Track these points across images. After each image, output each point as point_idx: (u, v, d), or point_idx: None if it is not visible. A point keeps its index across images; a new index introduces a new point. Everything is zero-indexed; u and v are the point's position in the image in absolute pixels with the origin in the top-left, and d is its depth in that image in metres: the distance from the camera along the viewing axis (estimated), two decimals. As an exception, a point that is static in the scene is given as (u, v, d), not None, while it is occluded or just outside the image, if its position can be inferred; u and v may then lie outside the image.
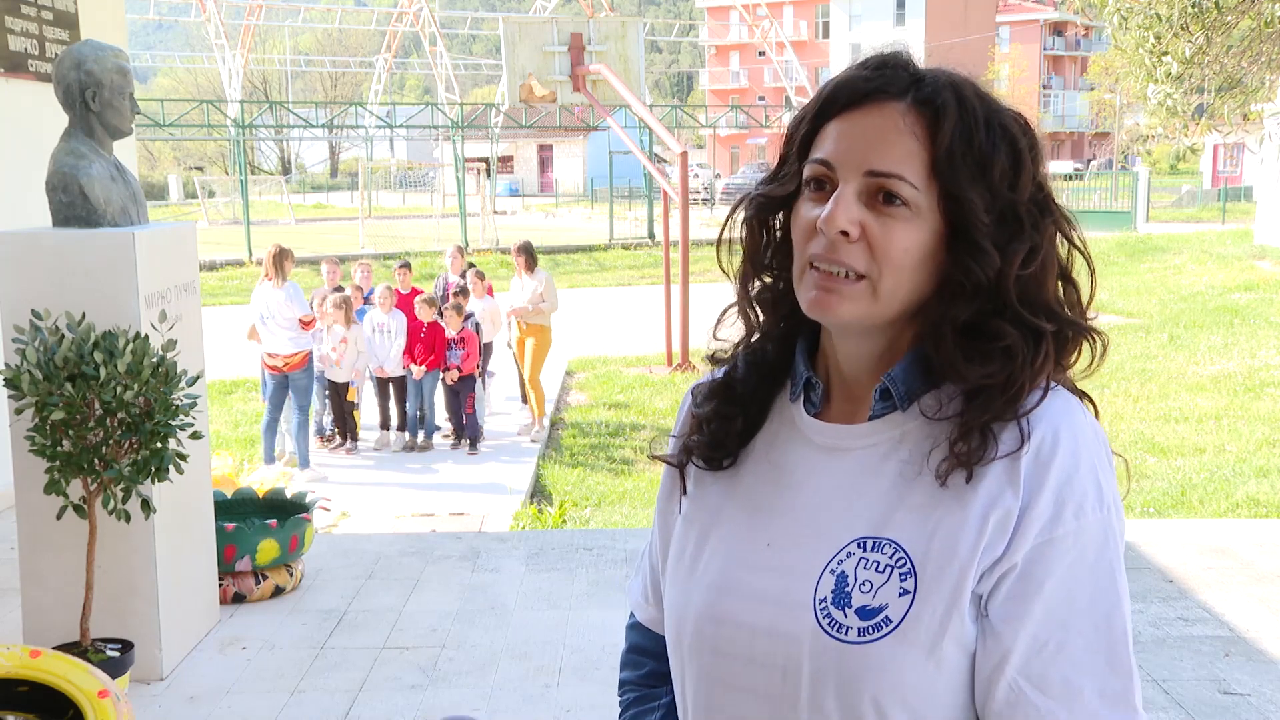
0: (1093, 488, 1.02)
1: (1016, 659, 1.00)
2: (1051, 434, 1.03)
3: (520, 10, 54.92)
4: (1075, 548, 1.01)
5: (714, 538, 1.16)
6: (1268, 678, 3.88)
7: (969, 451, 1.02)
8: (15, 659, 2.96)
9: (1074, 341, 1.09)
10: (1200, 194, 38.72)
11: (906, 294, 1.06)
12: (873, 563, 1.04)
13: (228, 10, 39.65)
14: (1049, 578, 1.00)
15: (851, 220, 1.03)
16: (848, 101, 1.07)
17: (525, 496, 8.39)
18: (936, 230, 1.04)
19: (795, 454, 1.14)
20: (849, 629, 1.03)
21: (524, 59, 14.64)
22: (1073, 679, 1.00)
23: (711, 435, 1.19)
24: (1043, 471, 1.01)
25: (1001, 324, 1.04)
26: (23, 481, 3.80)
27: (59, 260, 3.77)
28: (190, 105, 32.47)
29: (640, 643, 1.33)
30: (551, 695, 3.84)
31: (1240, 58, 9.92)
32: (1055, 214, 1.08)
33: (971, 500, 1.02)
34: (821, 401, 1.15)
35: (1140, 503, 7.62)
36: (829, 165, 1.06)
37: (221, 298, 18.88)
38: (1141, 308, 16.59)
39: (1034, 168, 1.06)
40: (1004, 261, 1.04)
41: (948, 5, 57.84)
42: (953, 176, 1.03)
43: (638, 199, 32.91)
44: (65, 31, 6.58)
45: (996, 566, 1.01)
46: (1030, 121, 1.09)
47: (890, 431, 1.09)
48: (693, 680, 1.15)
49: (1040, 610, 1.00)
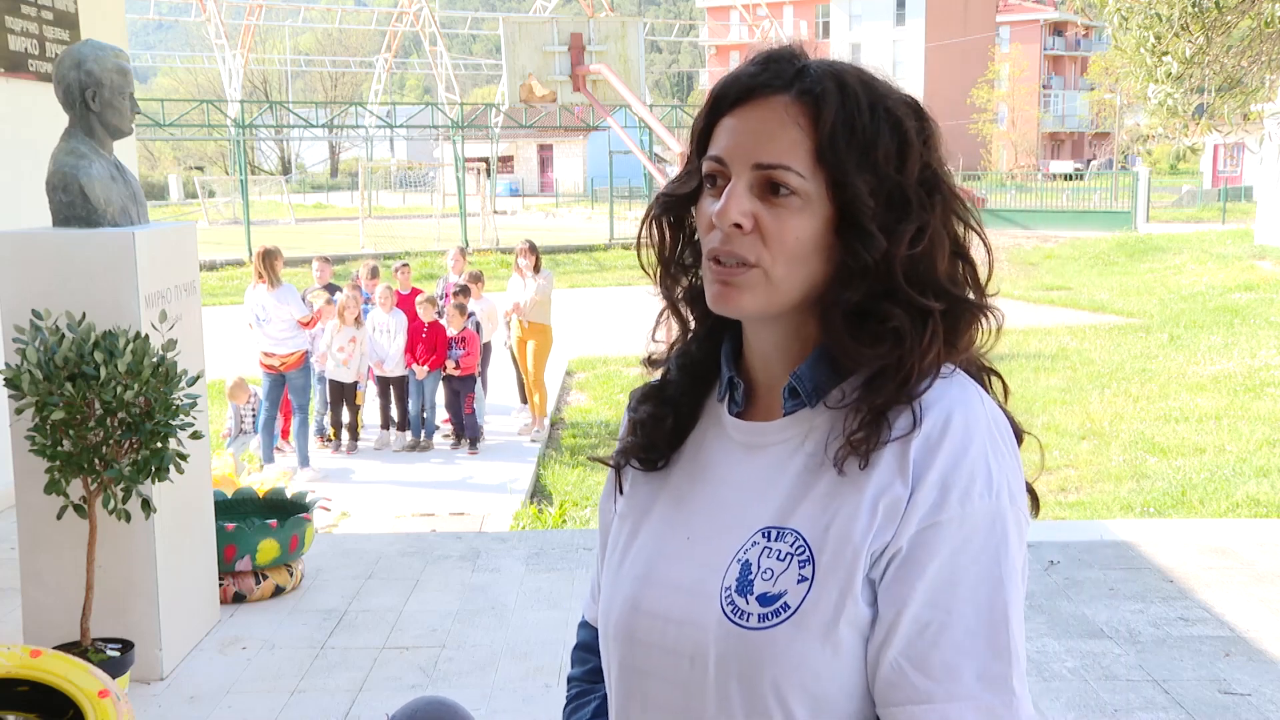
0: (981, 473, 1.03)
1: (899, 640, 1.02)
2: (943, 419, 1.04)
3: (520, 10, 54.90)
4: (960, 533, 1.02)
5: (642, 533, 1.20)
6: (1268, 678, 3.88)
7: (864, 438, 1.04)
8: (15, 659, 2.96)
9: (967, 320, 1.10)
10: (1200, 194, 38.72)
11: (801, 281, 1.07)
12: (775, 551, 1.07)
13: (228, 10, 39.62)
14: (932, 561, 1.02)
15: (743, 212, 1.06)
16: (736, 98, 1.10)
17: (525, 496, 8.39)
18: (827, 217, 1.06)
19: (719, 451, 1.18)
20: (750, 615, 1.06)
21: (524, 59, 14.64)
22: (952, 661, 1.01)
23: (645, 437, 1.23)
24: (930, 456, 1.03)
25: (889, 306, 1.06)
26: (23, 481, 3.80)
27: (59, 260, 3.77)
28: (190, 105, 32.50)
29: (586, 639, 1.36)
30: (551, 695, 3.84)
31: (1240, 58, 9.92)
32: (945, 193, 1.09)
33: (865, 487, 1.04)
34: (745, 400, 1.17)
35: (1140, 503, 7.63)
36: (721, 161, 1.09)
37: (221, 298, 18.89)
38: (1141, 308, 16.60)
39: (923, 149, 1.07)
40: (890, 242, 1.05)
41: (948, 5, 57.84)
42: (836, 162, 1.04)
43: (638, 199, 32.97)
44: (65, 31, 6.58)
45: (885, 551, 1.03)
46: (924, 106, 1.10)
47: (800, 427, 1.12)
48: (615, 668, 1.18)
49: (922, 593, 1.02)
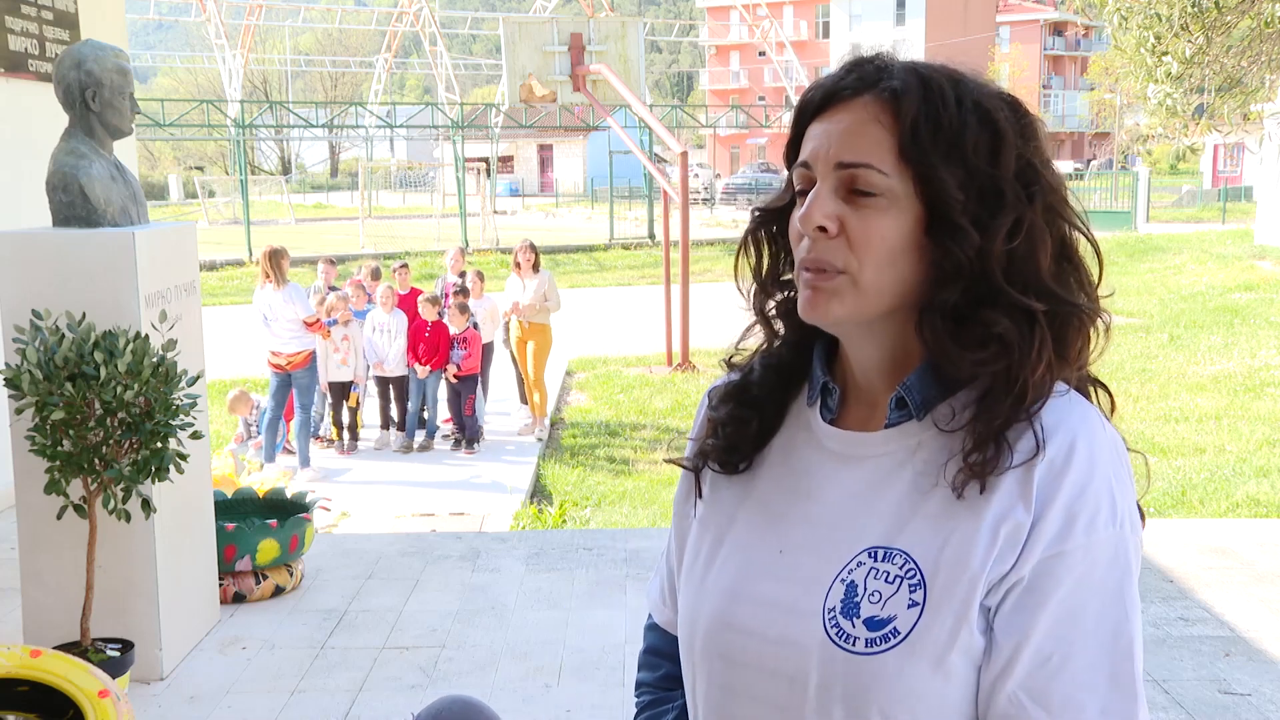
0: (1106, 502, 1.00)
1: (1019, 672, 0.99)
2: (1068, 445, 1.01)
3: (520, 10, 54.89)
4: (1084, 562, 0.99)
5: (728, 543, 1.16)
6: (1268, 678, 3.88)
7: (983, 462, 1.01)
8: (15, 659, 2.96)
9: (1076, 327, 1.06)
10: (1200, 194, 38.70)
11: (891, 284, 1.04)
12: (882, 573, 1.03)
13: (228, 10, 39.61)
14: (1055, 591, 0.99)
15: (827, 215, 1.03)
16: (820, 104, 1.08)
17: (525, 496, 8.39)
18: (916, 216, 1.03)
19: (810, 460, 1.13)
20: (857, 639, 1.02)
21: (524, 59, 14.63)
22: (1074, 695, 0.98)
23: (727, 439, 1.18)
24: (1056, 483, 0.99)
25: (992, 311, 1.01)
26: (23, 481, 3.80)
27: (59, 260, 3.77)
28: (190, 105, 32.48)
29: (657, 644, 1.32)
30: (551, 695, 3.84)
31: (1240, 58, 9.92)
32: (1046, 188, 1.04)
33: (984, 512, 1.00)
34: (838, 407, 1.13)
35: (1140, 503, 7.61)
36: (808, 167, 1.07)
37: (221, 298, 18.88)
38: (1141, 308, 16.59)
39: (1021, 142, 1.04)
40: (985, 238, 1.01)
41: (948, 5, 57.84)
42: (921, 156, 1.01)
43: (638, 199, 32.92)
44: (65, 31, 6.58)
45: (1005, 579, 1.00)
46: (1021, 101, 1.07)
47: (905, 440, 1.08)
48: (703, 685, 1.14)
49: (1045, 624, 0.99)
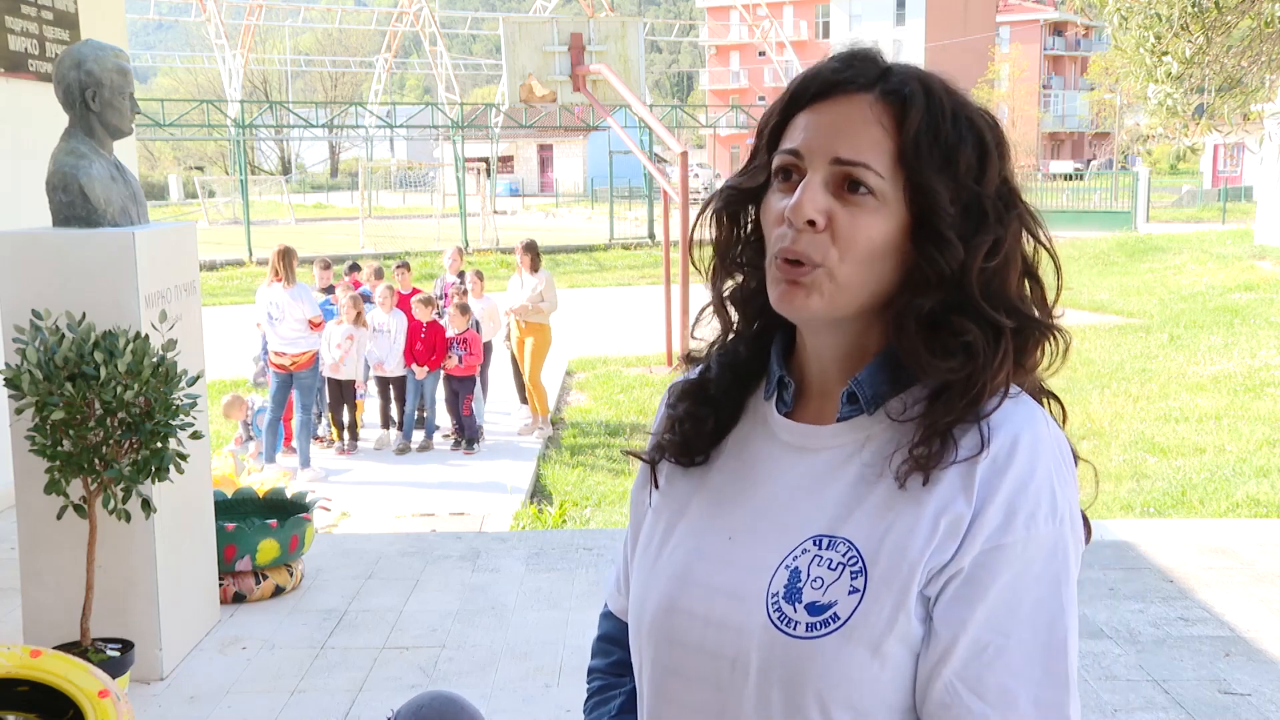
0: (1047, 499, 1.02)
1: (955, 661, 1.01)
2: (1010, 441, 1.03)
3: (520, 10, 54.86)
4: (1023, 556, 1.01)
5: (679, 530, 1.18)
6: (1268, 678, 3.88)
7: (928, 455, 1.03)
8: (15, 659, 2.96)
9: (1035, 340, 1.09)
10: (1200, 194, 38.71)
11: (867, 284, 1.06)
12: (826, 560, 1.06)
13: (228, 10, 39.61)
14: (994, 583, 1.01)
15: (818, 209, 1.04)
16: (816, 93, 1.09)
17: (525, 496, 8.39)
18: (902, 221, 1.05)
19: (764, 451, 1.16)
20: (798, 624, 1.04)
21: (524, 59, 14.62)
22: (1008, 685, 1.00)
23: (684, 435, 1.20)
24: (997, 478, 1.02)
25: (963, 320, 1.04)
26: (23, 481, 3.80)
27: (59, 260, 3.77)
28: (190, 105, 32.46)
29: (610, 631, 1.35)
30: (551, 695, 3.84)
31: (1240, 58, 9.92)
32: (1020, 209, 1.08)
33: (926, 502, 1.03)
34: (794, 401, 1.15)
35: (1140, 503, 7.62)
36: (797, 155, 1.07)
37: (221, 298, 18.87)
38: (1141, 308, 16.59)
39: (1001, 163, 1.07)
40: (967, 252, 1.04)
41: (948, 5, 57.84)
42: (918, 166, 1.03)
43: (638, 199, 32.94)
44: (65, 31, 6.58)
45: (945, 569, 1.02)
46: (997, 120, 1.09)
47: (856, 434, 1.10)
48: (648, 668, 1.17)
49: (982, 614, 1.01)
